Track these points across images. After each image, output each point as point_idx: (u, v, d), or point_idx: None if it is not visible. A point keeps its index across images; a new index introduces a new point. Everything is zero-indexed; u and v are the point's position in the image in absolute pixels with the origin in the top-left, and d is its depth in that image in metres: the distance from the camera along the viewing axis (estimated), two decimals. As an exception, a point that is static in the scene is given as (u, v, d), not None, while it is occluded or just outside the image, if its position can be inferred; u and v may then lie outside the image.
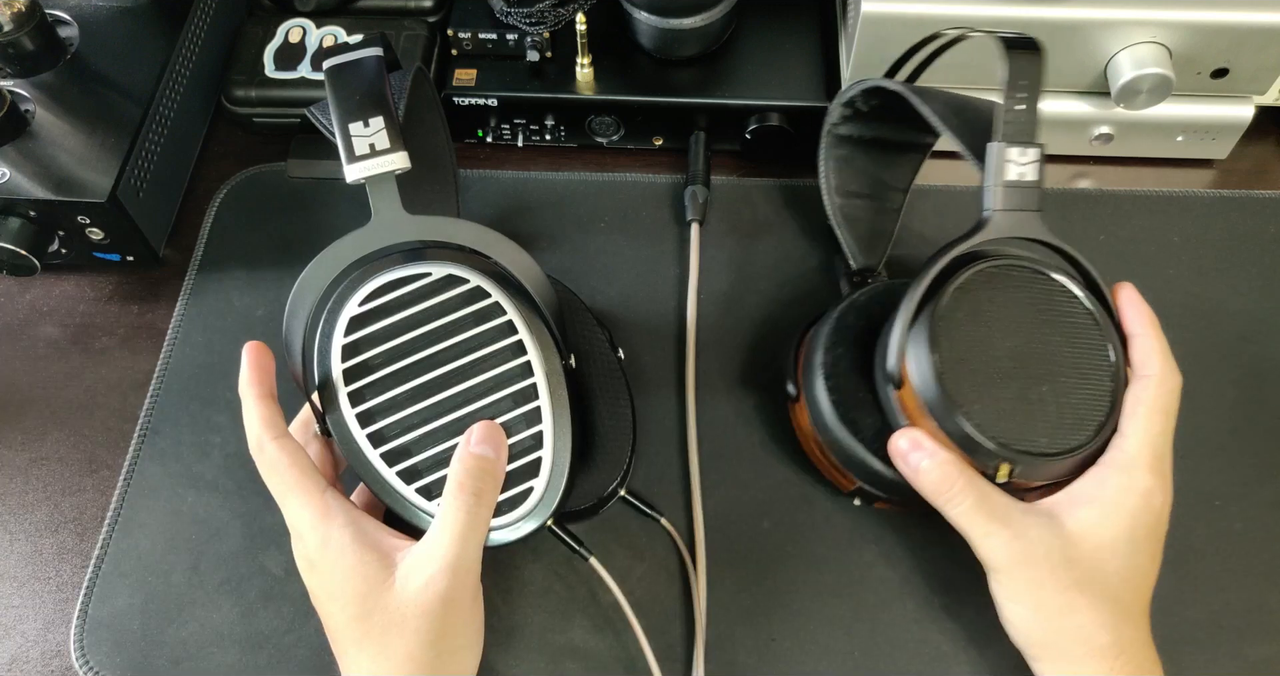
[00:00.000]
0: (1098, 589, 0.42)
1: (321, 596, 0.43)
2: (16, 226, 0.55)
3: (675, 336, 0.58)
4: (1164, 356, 0.45)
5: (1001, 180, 0.44)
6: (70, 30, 0.61)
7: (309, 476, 0.43)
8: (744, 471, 0.53)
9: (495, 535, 0.44)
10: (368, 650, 0.42)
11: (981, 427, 0.43)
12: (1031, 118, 0.44)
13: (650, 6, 0.60)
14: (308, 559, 0.43)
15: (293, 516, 0.43)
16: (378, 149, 0.42)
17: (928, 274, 0.44)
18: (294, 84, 0.63)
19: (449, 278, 0.45)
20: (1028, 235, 0.44)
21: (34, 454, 0.56)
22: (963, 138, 0.45)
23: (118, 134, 0.57)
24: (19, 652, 0.50)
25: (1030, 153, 0.44)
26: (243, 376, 0.45)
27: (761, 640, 0.49)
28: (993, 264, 0.45)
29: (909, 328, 0.44)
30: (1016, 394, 0.44)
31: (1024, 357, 0.44)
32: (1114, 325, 0.46)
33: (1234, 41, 0.56)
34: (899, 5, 0.57)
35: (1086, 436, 0.44)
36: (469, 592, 0.42)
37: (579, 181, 0.64)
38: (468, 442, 0.43)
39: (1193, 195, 0.63)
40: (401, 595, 0.41)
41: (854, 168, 0.58)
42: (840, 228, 0.57)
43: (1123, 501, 0.43)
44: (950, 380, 0.43)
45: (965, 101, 0.48)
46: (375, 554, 0.42)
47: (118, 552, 0.52)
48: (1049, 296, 0.45)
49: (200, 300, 0.60)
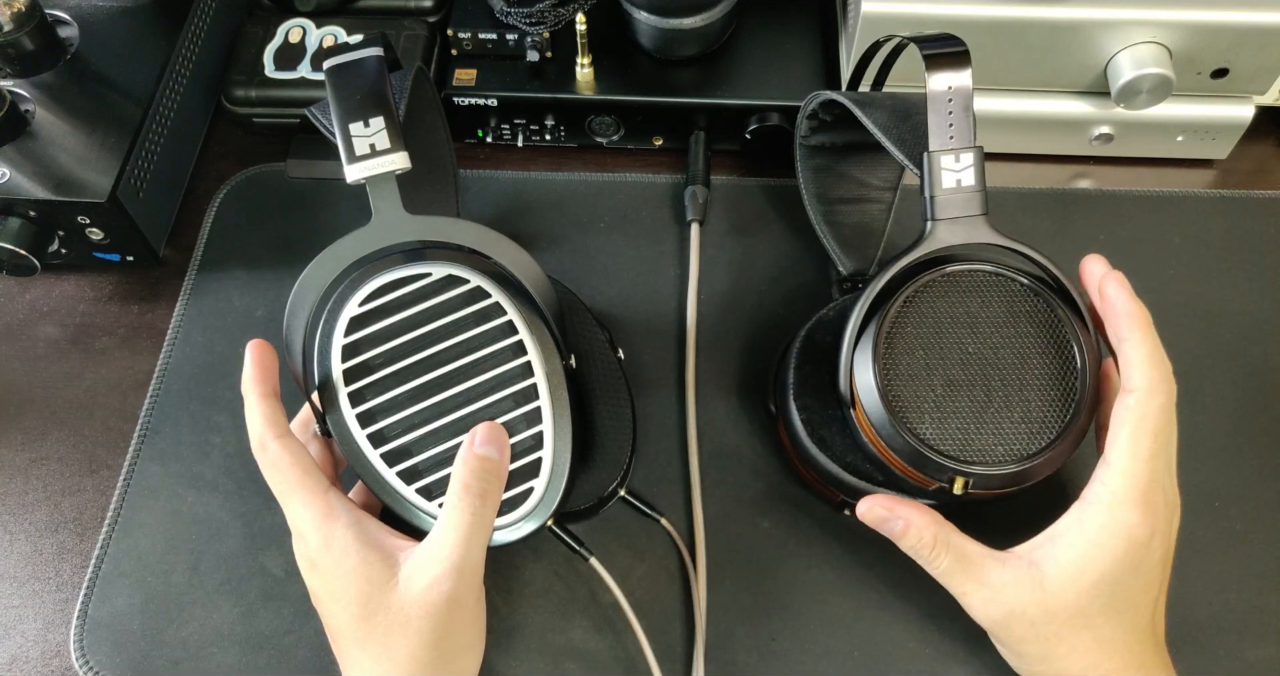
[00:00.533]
0: (1083, 634, 0.42)
1: (324, 596, 0.43)
2: (16, 226, 0.55)
3: (675, 336, 0.58)
4: (1153, 363, 0.42)
5: (939, 189, 0.43)
6: (70, 30, 0.61)
7: (311, 476, 0.43)
8: (744, 471, 0.53)
9: (496, 535, 0.44)
10: (370, 651, 0.42)
11: (931, 442, 0.42)
12: (964, 120, 0.43)
13: (650, 6, 0.60)
14: (310, 559, 0.43)
15: (295, 516, 0.43)
16: (378, 149, 0.42)
17: (870, 292, 0.44)
18: (294, 84, 0.63)
19: (449, 278, 0.45)
20: (973, 240, 0.43)
21: (34, 454, 0.56)
22: (903, 147, 0.45)
23: (118, 134, 0.57)
24: (19, 652, 0.50)
25: (965, 157, 0.43)
26: (246, 374, 0.45)
27: (761, 640, 0.49)
28: (939, 273, 0.44)
29: (854, 347, 0.44)
30: (971, 404, 0.43)
31: (979, 365, 0.43)
32: (1080, 319, 0.44)
33: (1234, 41, 0.56)
34: (899, 5, 0.57)
35: (1047, 441, 0.43)
36: (473, 594, 0.42)
37: (579, 181, 0.64)
38: (471, 443, 0.43)
39: (1193, 195, 0.63)
40: (405, 596, 0.41)
41: (834, 174, 0.58)
42: (825, 235, 0.57)
43: (1104, 541, 0.41)
44: (896, 396, 0.43)
45: (912, 106, 0.47)
46: (379, 554, 0.42)
47: (118, 552, 0.52)
48: (1003, 299, 0.44)
49: (200, 300, 0.60)
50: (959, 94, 0.43)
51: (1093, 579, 0.41)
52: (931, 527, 0.43)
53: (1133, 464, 0.41)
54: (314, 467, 0.44)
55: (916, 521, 0.43)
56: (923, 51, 0.43)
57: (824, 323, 0.51)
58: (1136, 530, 0.41)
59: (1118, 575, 0.41)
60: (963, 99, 0.43)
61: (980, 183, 0.43)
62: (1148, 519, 0.41)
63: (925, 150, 0.43)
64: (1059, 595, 0.42)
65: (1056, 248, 0.60)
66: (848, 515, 0.51)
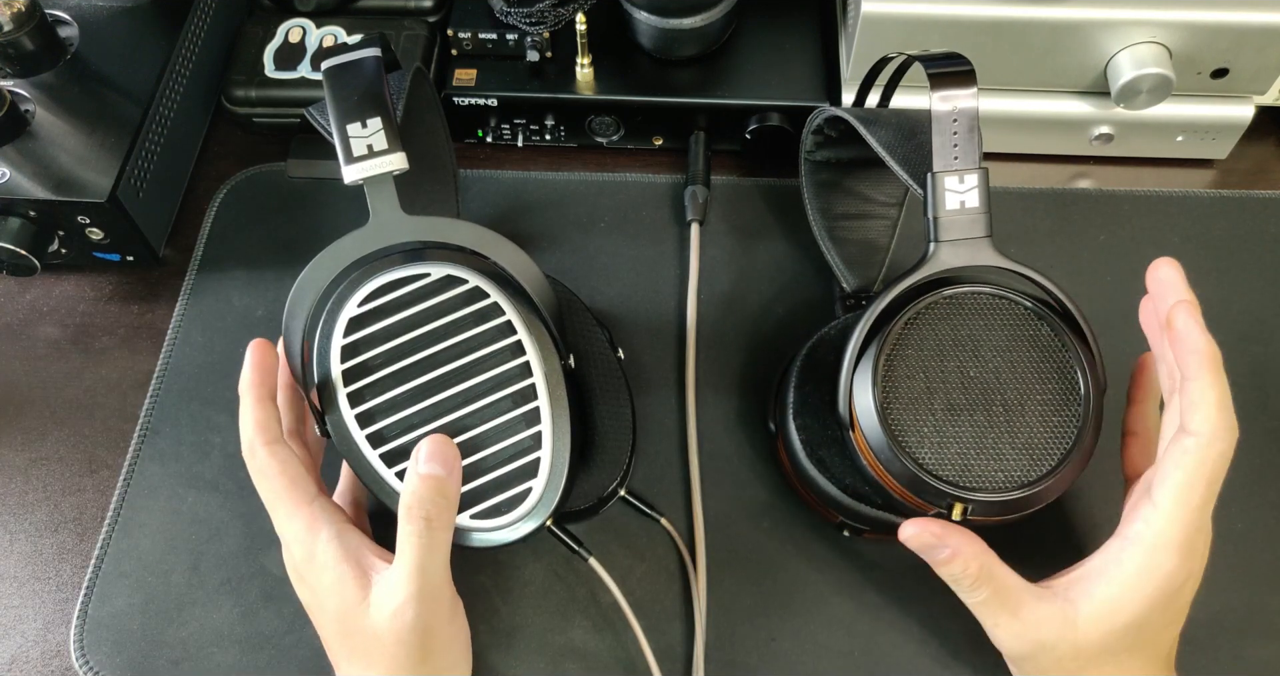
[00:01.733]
0: (1106, 668, 0.41)
1: (311, 608, 0.44)
2: (16, 226, 0.55)
3: (675, 336, 0.58)
4: (1221, 410, 0.39)
5: (943, 211, 0.42)
6: (70, 30, 0.61)
7: (298, 485, 0.43)
8: (744, 471, 0.53)
9: (495, 535, 0.44)
10: (355, 666, 0.42)
11: (930, 467, 0.42)
12: (969, 141, 0.42)
13: (650, 6, 0.60)
14: (296, 570, 0.44)
15: (280, 526, 0.43)
16: (376, 150, 0.42)
17: (871, 313, 0.43)
18: (294, 84, 0.63)
19: (448, 278, 0.45)
20: (977, 263, 0.43)
21: (34, 454, 0.56)
22: (907, 166, 0.44)
23: (118, 134, 0.57)
24: (19, 652, 0.50)
25: (970, 178, 0.42)
26: (244, 375, 0.45)
27: (761, 640, 0.49)
28: (941, 295, 0.44)
29: (854, 369, 0.44)
30: (971, 429, 0.42)
31: (980, 389, 0.43)
32: (1084, 344, 0.43)
33: (1234, 41, 0.56)
34: (899, 5, 0.57)
35: (1048, 468, 0.42)
36: (442, 617, 0.42)
37: (579, 181, 0.64)
38: (416, 461, 0.42)
39: (1193, 195, 0.63)
40: (376, 621, 0.41)
41: (839, 189, 0.58)
42: (830, 251, 0.56)
43: (1140, 584, 0.40)
44: (895, 420, 0.42)
45: (917, 125, 0.46)
46: (356, 571, 0.42)
47: (118, 552, 0.52)
48: (1006, 323, 0.44)
49: (200, 300, 0.60)
50: (964, 114, 0.42)
51: (1125, 619, 0.41)
52: (978, 558, 0.42)
53: (1182, 511, 0.40)
54: (301, 476, 0.43)
55: (965, 552, 0.42)
56: (928, 70, 0.43)
57: (825, 341, 0.50)
58: (1174, 575, 0.40)
59: (1149, 616, 0.41)
60: (968, 119, 0.42)
61: (985, 204, 0.42)
62: (1186, 563, 0.40)
63: (929, 171, 0.43)
64: (1089, 633, 0.41)
65: (1056, 247, 0.61)
66: (846, 535, 0.51)
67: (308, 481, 0.44)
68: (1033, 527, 0.45)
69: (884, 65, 0.51)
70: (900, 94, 0.52)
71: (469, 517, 0.43)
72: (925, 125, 0.43)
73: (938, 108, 0.42)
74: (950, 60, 0.43)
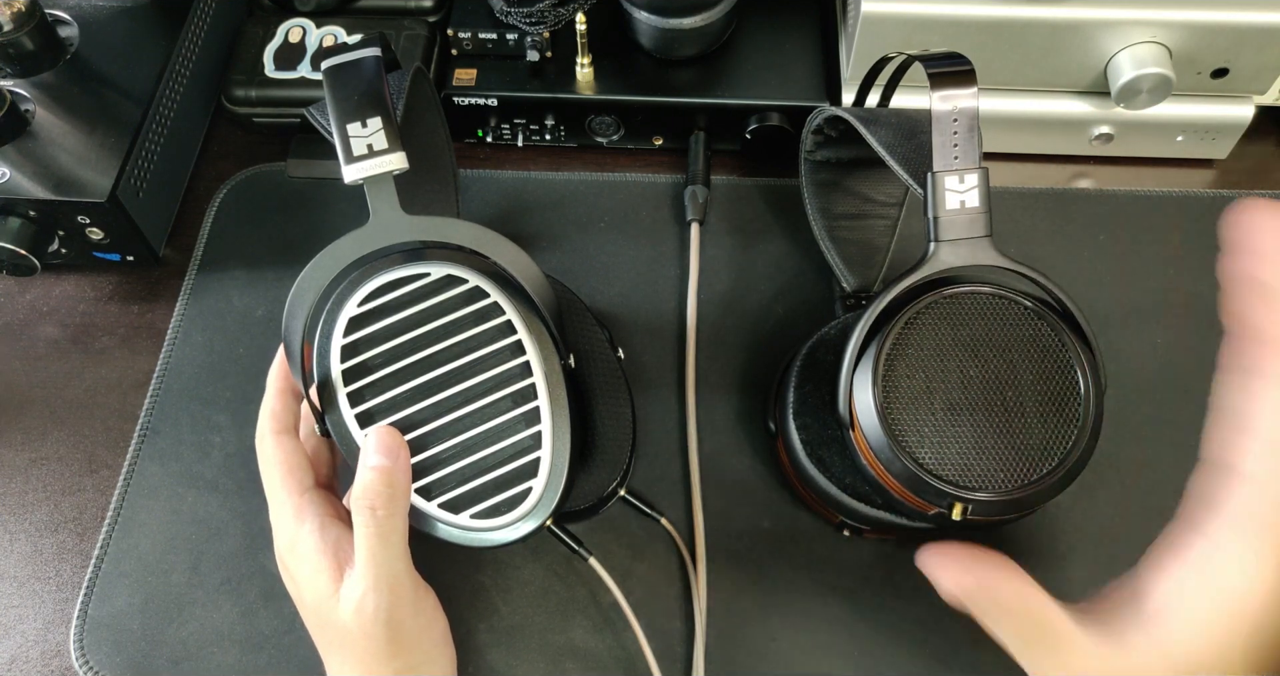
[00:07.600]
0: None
1: (294, 599, 0.45)
2: (16, 226, 0.55)
3: (675, 336, 0.58)
4: None
5: (943, 210, 0.42)
6: (70, 30, 0.61)
7: (294, 476, 0.44)
8: (744, 471, 0.53)
9: (495, 535, 0.44)
10: (334, 658, 0.43)
11: (930, 466, 0.42)
12: (969, 141, 0.42)
13: (650, 6, 0.60)
14: (281, 560, 0.44)
15: (272, 514, 0.44)
16: (375, 149, 0.42)
17: (871, 313, 0.43)
18: (294, 84, 0.63)
19: (448, 278, 0.45)
20: (977, 262, 0.43)
21: (34, 454, 0.56)
22: (907, 166, 0.44)
23: (118, 134, 0.57)
24: (19, 652, 0.50)
25: (970, 178, 0.42)
26: (273, 367, 0.46)
27: (761, 640, 0.49)
28: (941, 295, 0.44)
29: (854, 368, 0.44)
30: (972, 428, 0.42)
31: (980, 389, 0.43)
32: (1085, 343, 0.43)
33: (1234, 41, 0.56)
34: (899, 5, 0.57)
35: (1049, 468, 0.42)
36: (406, 609, 0.42)
37: (579, 181, 0.64)
38: (365, 454, 0.42)
39: (1193, 195, 0.63)
40: (343, 615, 0.41)
41: (839, 189, 0.58)
42: (830, 251, 0.56)
43: None
44: (895, 419, 0.42)
45: (917, 125, 0.46)
46: (331, 563, 0.42)
47: (118, 552, 0.52)
48: (1006, 322, 0.44)
49: (200, 300, 0.60)
50: (964, 114, 0.42)
51: None
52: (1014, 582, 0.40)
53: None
54: (299, 468, 0.44)
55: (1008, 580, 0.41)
56: (928, 70, 0.43)
57: (825, 341, 0.50)
58: None
59: None
60: (968, 119, 0.42)
61: (985, 204, 0.42)
62: None
63: (929, 170, 0.43)
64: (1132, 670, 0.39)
65: (1056, 247, 0.61)
66: (846, 535, 0.51)
67: (306, 473, 0.44)
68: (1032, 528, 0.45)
69: (884, 65, 0.51)
70: (900, 94, 0.52)
71: (469, 517, 0.43)
72: (925, 125, 0.43)
73: (938, 107, 0.42)
74: (950, 60, 0.43)
